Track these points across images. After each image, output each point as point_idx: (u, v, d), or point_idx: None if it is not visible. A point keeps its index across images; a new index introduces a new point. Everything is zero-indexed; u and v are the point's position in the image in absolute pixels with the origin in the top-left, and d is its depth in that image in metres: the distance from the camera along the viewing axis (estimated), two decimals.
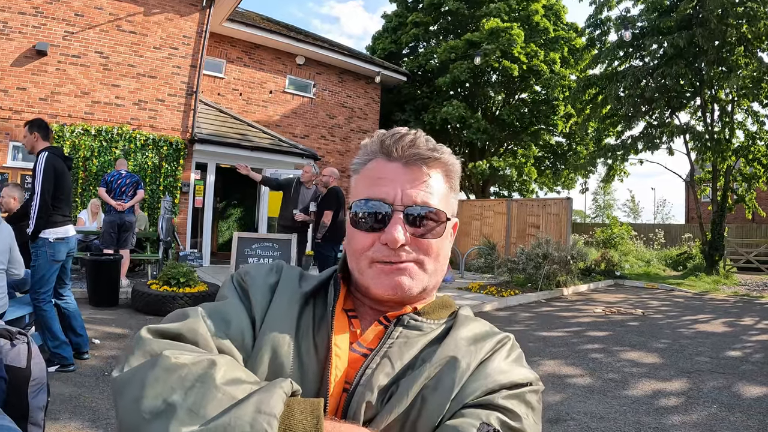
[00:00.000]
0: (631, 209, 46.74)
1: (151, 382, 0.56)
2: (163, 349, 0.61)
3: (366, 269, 0.77)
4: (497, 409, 0.66)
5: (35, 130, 3.95)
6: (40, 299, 3.80)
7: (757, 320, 7.51)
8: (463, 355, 0.71)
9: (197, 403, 0.54)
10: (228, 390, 0.55)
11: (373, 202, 0.76)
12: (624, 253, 15.08)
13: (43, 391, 1.89)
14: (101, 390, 3.59)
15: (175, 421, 0.52)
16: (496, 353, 0.74)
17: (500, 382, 0.68)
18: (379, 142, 0.79)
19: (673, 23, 12.19)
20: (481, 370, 0.70)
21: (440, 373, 0.69)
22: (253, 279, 0.81)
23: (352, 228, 0.79)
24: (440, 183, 0.79)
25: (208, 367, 0.58)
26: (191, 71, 9.83)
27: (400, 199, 0.75)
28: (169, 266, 6.63)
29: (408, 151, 0.77)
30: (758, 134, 13.02)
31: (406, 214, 0.75)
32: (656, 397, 3.98)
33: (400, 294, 0.75)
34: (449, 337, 0.74)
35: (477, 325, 0.78)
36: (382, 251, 0.75)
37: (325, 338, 0.73)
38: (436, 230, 0.77)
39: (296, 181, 6.68)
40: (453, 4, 16.99)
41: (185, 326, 0.68)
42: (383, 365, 0.70)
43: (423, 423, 0.65)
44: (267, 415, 0.52)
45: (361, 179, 0.81)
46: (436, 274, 0.80)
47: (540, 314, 7.57)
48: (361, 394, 0.67)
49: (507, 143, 18.38)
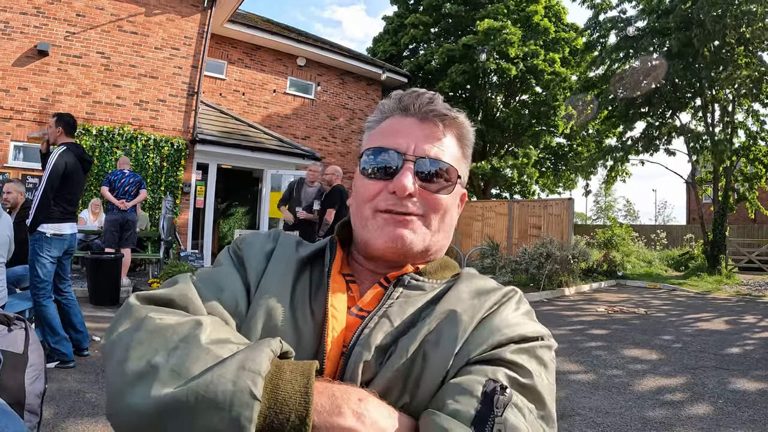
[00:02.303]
0: (628, 212, 46.93)
1: (134, 345, 0.55)
2: (149, 313, 0.59)
3: (369, 219, 0.75)
4: (505, 364, 0.61)
5: (61, 125, 3.96)
6: (39, 294, 3.78)
7: (759, 318, 7.47)
8: (465, 308, 0.67)
9: (180, 364, 0.52)
10: (213, 350, 0.53)
11: (385, 151, 0.75)
12: (626, 254, 15.04)
13: (40, 379, 1.86)
14: (101, 386, 3.56)
15: (157, 382, 0.50)
16: (503, 306, 0.70)
17: (508, 335, 0.65)
18: (397, 99, 0.79)
19: (672, 25, 12.18)
20: (486, 323, 0.66)
21: (440, 326, 0.65)
22: (249, 246, 0.79)
23: (361, 177, 0.77)
24: (453, 144, 0.78)
25: (193, 327, 0.56)
26: (192, 72, 9.83)
27: (413, 150, 0.74)
28: (170, 265, 6.62)
29: (425, 107, 0.76)
30: (759, 134, 13.00)
31: (418, 167, 0.73)
32: (661, 393, 3.94)
33: (400, 246, 0.72)
34: (451, 291, 0.71)
35: (482, 281, 0.75)
36: (389, 200, 0.73)
37: (322, 302, 0.70)
38: (446, 186, 0.75)
39: (298, 181, 6.75)
40: (452, 6, 17.02)
41: (176, 291, 0.66)
42: (381, 324, 0.67)
43: (426, 381, 0.62)
44: (251, 372, 0.50)
45: (375, 133, 0.79)
46: (440, 234, 0.77)
47: (542, 313, 7.53)
48: (358, 353, 0.64)
49: (508, 145, 18.37)
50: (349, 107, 14.70)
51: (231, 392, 0.48)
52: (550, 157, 18.79)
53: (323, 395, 0.53)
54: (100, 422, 2.99)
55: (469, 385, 0.58)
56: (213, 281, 0.72)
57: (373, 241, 0.74)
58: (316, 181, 6.68)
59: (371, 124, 0.82)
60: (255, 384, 0.49)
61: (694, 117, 14.15)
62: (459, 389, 0.58)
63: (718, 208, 13.20)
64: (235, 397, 0.48)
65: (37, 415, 1.84)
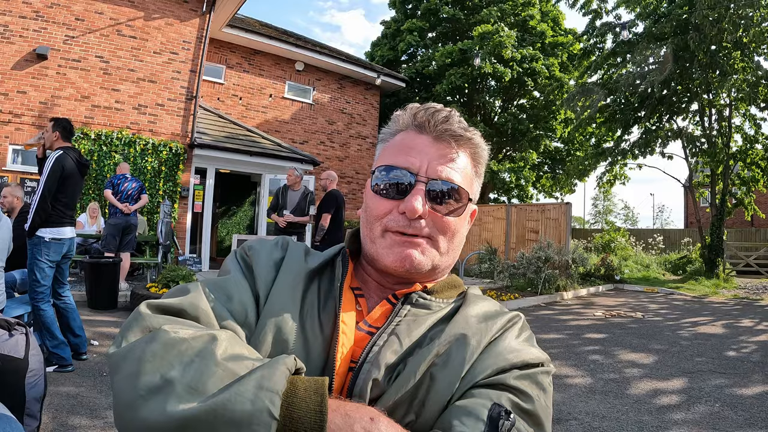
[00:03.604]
0: (626, 216, 46.95)
1: (148, 357, 0.54)
2: (162, 324, 0.59)
3: (378, 237, 0.75)
4: (509, 390, 0.64)
5: (58, 130, 3.96)
6: (38, 298, 3.78)
7: (756, 322, 7.49)
8: (473, 332, 0.69)
9: (196, 379, 0.51)
10: (229, 366, 0.53)
11: (397, 170, 0.74)
12: (624, 258, 15.07)
13: (40, 383, 1.88)
14: (99, 390, 3.56)
15: (172, 398, 0.50)
16: (507, 332, 0.72)
17: (511, 361, 0.67)
18: (413, 114, 0.78)
19: (667, 29, 12.25)
20: (491, 348, 0.68)
21: (449, 350, 0.67)
22: (257, 254, 0.79)
23: (372, 194, 0.77)
24: (467, 164, 0.78)
25: (209, 342, 0.56)
26: (191, 76, 9.85)
27: (425, 171, 0.73)
28: (168, 270, 6.61)
29: (440, 126, 0.76)
30: (756, 138, 13.06)
31: (429, 187, 0.73)
32: (657, 397, 3.96)
33: (408, 267, 0.73)
34: (458, 315, 0.72)
35: (487, 304, 0.76)
36: (398, 220, 0.73)
37: (332, 315, 0.71)
38: (456, 209, 0.75)
39: (283, 187, 6.83)
40: (449, 10, 17.09)
41: (186, 301, 0.65)
42: (391, 342, 0.68)
43: (432, 402, 0.63)
44: (269, 391, 0.50)
45: (388, 148, 0.79)
46: (449, 254, 0.78)
47: (540, 317, 7.54)
48: (368, 371, 0.65)
49: (506, 149, 18.42)
50: (347, 112, 14.73)
51: (250, 412, 0.48)
52: (547, 161, 18.85)
53: (337, 414, 0.53)
54: (99, 426, 2.99)
55: (474, 409, 0.60)
56: (222, 290, 0.71)
57: (382, 259, 0.74)
58: (297, 185, 6.75)
59: (385, 136, 0.81)
60: (273, 403, 0.49)
61: (690, 121, 14.23)
62: (465, 412, 0.60)
63: (715, 212, 13.26)
64: (254, 417, 0.48)
65: (37, 419, 1.85)
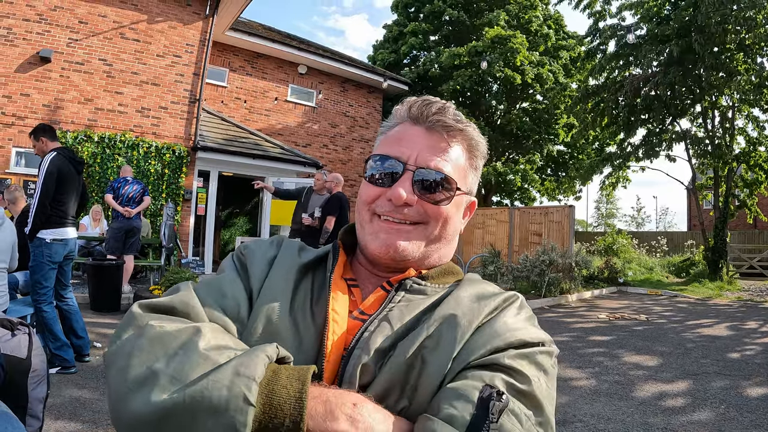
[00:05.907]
0: (633, 218, 46.60)
1: (136, 352, 0.56)
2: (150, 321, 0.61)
3: (367, 222, 0.77)
4: (503, 370, 0.61)
5: (41, 135, 3.98)
6: (40, 300, 3.78)
7: (761, 323, 7.45)
8: (464, 312, 0.67)
9: (179, 370, 0.53)
10: (211, 356, 0.55)
11: (387, 159, 0.76)
12: (627, 261, 15.02)
13: (43, 384, 1.87)
14: (102, 392, 3.56)
15: (157, 388, 0.52)
16: (504, 311, 0.70)
17: (508, 340, 0.64)
18: (408, 107, 0.79)
19: (670, 32, 12.23)
20: (486, 327, 0.66)
21: (439, 330, 0.65)
22: (252, 253, 0.80)
23: (365, 182, 0.79)
24: (459, 155, 0.78)
25: (193, 334, 0.58)
26: (194, 79, 9.87)
27: (414, 160, 0.75)
28: (171, 272, 6.61)
29: (433, 117, 0.76)
30: (759, 140, 13.02)
31: (417, 176, 0.74)
32: (663, 399, 3.93)
33: (392, 254, 0.73)
34: (451, 296, 0.71)
35: (483, 285, 0.75)
36: (385, 206, 0.75)
37: (324, 306, 0.71)
38: (445, 198, 0.75)
39: (307, 189, 6.84)
40: (453, 12, 17.10)
41: (177, 299, 0.67)
42: (382, 328, 0.67)
43: (424, 386, 0.62)
44: (246, 377, 0.51)
45: (385, 139, 0.81)
46: (440, 242, 0.78)
47: (544, 320, 7.51)
48: (358, 356, 0.64)
49: (509, 152, 18.41)
50: (350, 115, 14.74)
51: (226, 397, 0.50)
52: (550, 164, 18.83)
53: (318, 400, 0.54)
54: (101, 428, 2.99)
55: (465, 390, 0.58)
56: (215, 287, 0.73)
57: (369, 245, 0.76)
58: (322, 190, 6.77)
59: (384, 129, 0.83)
60: (249, 389, 0.50)
61: (694, 123, 14.20)
62: (455, 394, 0.58)
63: (718, 214, 13.20)
64: (230, 403, 0.49)
65: (39, 420, 1.84)
